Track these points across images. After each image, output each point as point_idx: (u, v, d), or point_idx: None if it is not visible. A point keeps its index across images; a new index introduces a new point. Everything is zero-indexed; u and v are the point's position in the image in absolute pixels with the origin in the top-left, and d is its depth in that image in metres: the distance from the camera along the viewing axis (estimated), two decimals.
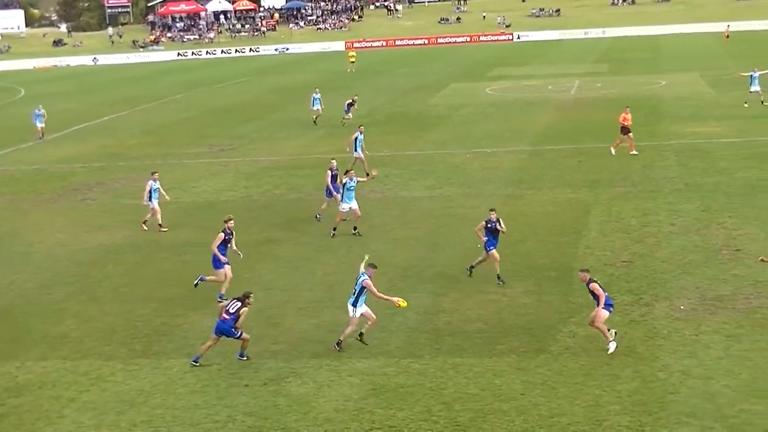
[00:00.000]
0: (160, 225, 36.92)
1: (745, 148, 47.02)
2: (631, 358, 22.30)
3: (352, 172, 35.48)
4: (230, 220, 28.82)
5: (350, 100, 61.61)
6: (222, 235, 28.13)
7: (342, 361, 23.04)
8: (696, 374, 21.22)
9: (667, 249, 30.82)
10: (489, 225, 28.21)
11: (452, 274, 29.31)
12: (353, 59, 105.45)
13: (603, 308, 22.70)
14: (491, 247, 28.17)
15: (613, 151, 46.36)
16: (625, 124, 46.57)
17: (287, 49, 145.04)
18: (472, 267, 28.76)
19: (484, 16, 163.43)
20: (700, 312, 25.09)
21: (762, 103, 60.02)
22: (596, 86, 78.42)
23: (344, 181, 34.59)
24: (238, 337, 23.16)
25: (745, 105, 60.25)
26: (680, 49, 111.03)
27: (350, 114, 60.64)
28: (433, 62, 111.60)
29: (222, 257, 27.99)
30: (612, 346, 22.56)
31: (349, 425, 19.74)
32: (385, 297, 23.90)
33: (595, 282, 23.00)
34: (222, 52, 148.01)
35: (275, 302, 27.25)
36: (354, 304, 23.72)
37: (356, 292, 23.71)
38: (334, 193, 36.13)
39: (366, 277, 23.74)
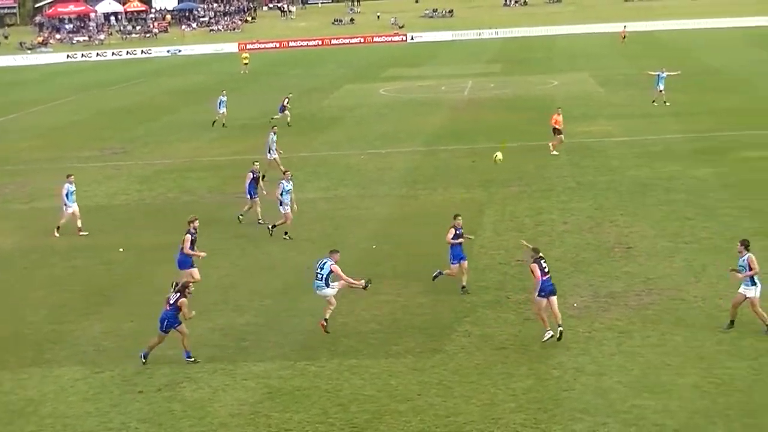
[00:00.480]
0: (57, 228, 36.17)
1: (635, 147, 47.76)
2: (525, 356, 22.50)
3: (289, 173, 35.38)
4: (195, 219, 28.66)
5: (284, 100, 61.21)
6: (189, 236, 28.01)
7: (237, 365, 22.86)
8: (589, 371, 21.49)
9: (560, 247, 31.15)
10: (457, 231, 27.31)
11: (347, 275, 29.16)
12: (246, 61, 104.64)
13: (537, 295, 23.13)
14: (461, 258, 27.25)
15: (555, 152, 46.64)
16: (556, 126, 46.72)
17: (179, 50, 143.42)
18: (463, 287, 27.47)
19: (378, 16, 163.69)
20: (593, 309, 25.43)
21: (653, 102, 60.91)
22: (489, 86, 79.03)
23: (282, 183, 34.42)
24: (164, 330, 22.83)
25: (666, 103, 60.81)
26: (571, 50, 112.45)
27: (287, 113, 60.15)
28: (326, 63, 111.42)
29: (195, 253, 27.96)
30: (546, 335, 23.07)
31: (245, 429, 19.58)
32: (351, 281, 24.46)
33: (538, 263, 23.29)
34: (113, 54, 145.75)
35: None
36: (327, 285, 24.35)
37: (323, 276, 24.22)
38: (253, 195, 35.95)
39: (332, 261, 24.20)
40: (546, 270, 23.48)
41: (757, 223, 32.78)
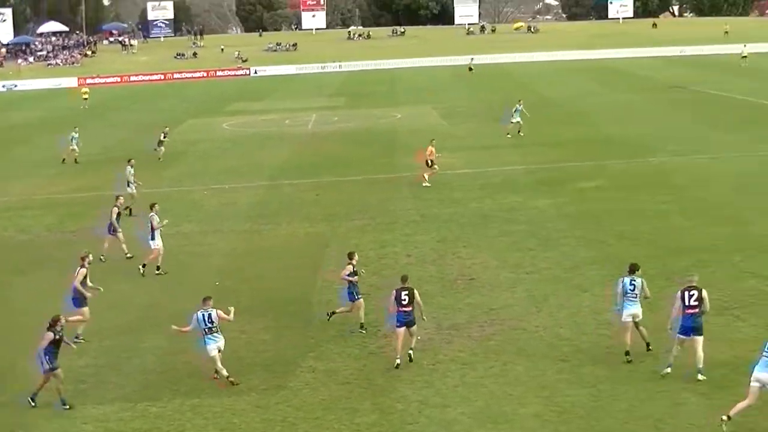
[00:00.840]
0: None
1: (478, 178, 48.35)
2: (369, 390, 22.43)
3: (158, 206, 34.72)
4: (88, 254, 27.88)
5: (162, 134, 60.50)
6: (84, 270, 27.13)
7: (75, 409, 22.16)
8: (433, 403, 21.53)
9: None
10: (354, 269, 26.76)
11: (190, 313, 28.67)
12: (86, 96, 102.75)
13: (393, 325, 23.84)
14: (358, 296, 26.82)
15: (426, 179, 46.84)
16: (431, 158, 46.92)
17: (15, 85, 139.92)
18: (333, 313, 27.32)
19: (222, 50, 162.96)
20: (437, 341, 25.51)
21: (519, 133, 61.67)
22: (333, 120, 79.29)
23: (153, 215, 33.86)
24: (46, 371, 22.05)
25: (508, 135, 61.82)
26: (414, 83, 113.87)
27: (162, 148, 59.67)
28: (169, 98, 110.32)
29: (87, 292, 26.99)
30: (396, 361, 23.51)
31: None
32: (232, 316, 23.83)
33: (397, 294, 23.81)
34: None
35: (3, 350, 26.01)
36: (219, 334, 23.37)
37: (215, 328, 23.16)
38: (119, 230, 35.21)
39: (213, 310, 23.27)
40: (405, 302, 23.71)
41: (593, 252, 33.54)
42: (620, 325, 23.68)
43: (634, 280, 23.34)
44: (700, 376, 21.90)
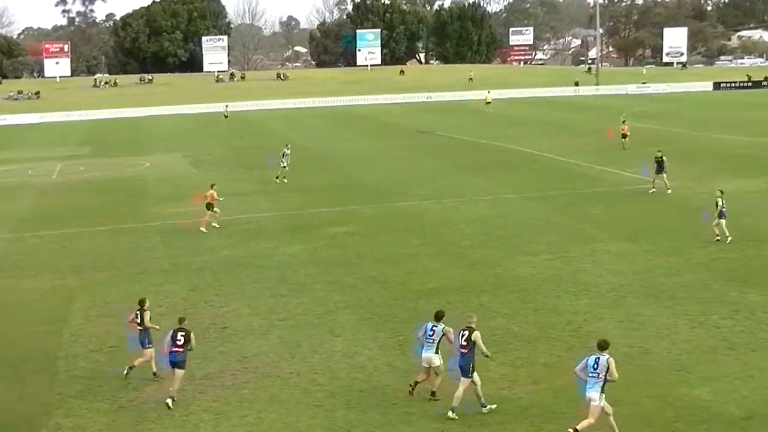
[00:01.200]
0: None
1: (229, 226, 47.84)
2: None
3: None
4: None
5: None
6: None
7: None
8: None
9: (155, 332, 30.51)
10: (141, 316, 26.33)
11: None
12: None
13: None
14: (149, 345, 26.24)
15: (214, 222, 46.66)
16: (212, 201, 46.67)
17: None
18: (154, 374, 26.15)
19: None
20: (189, 392, 24.97)
21: (277, 179, 61.87)
22: (79, 169, 77.29)
23: None
24: None
25: (281, 179, 62.04)
26: (163, 131, 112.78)
27: None
28: None
29: None
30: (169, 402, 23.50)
31: None
32: None
33: (172, 333, 24.14)
34: None
35: None
36: None
37: None
38: None
39: None
40: (180, 342, 23.73)
41: (346, 296, 33.73)
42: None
43: (436, 326, 23.51)
44: (451, 414, 22.24)
